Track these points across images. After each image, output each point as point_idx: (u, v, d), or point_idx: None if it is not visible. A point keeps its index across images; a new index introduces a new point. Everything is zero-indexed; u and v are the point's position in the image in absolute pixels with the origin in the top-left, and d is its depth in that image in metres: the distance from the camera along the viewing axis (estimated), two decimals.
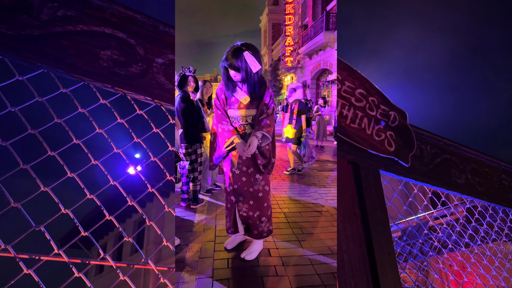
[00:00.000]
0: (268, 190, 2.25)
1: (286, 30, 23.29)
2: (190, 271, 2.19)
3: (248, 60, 1.95)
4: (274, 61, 29.44)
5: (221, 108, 2.17)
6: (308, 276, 2.09)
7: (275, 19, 32.55)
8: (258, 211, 2.23)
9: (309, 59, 20.52)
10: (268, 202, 2.27)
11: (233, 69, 1.99)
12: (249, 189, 2.21)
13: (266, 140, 2.12)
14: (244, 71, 1.98)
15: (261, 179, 2.21)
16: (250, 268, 2.19)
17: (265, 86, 2.11)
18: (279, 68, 27.26)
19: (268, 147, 2.17)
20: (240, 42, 2.01)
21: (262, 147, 2.14)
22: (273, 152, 2.23)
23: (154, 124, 1.45)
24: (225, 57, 2.01)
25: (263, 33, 37.41)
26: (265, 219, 2.27)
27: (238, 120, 2.15)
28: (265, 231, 2.31)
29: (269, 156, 2.19)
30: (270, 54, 33.81)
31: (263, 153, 2.16)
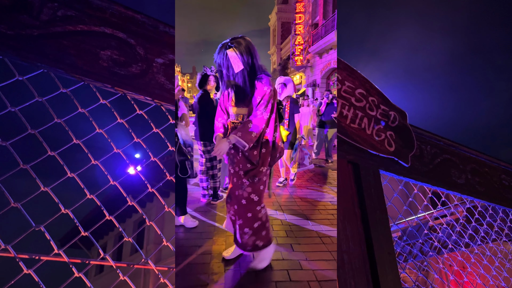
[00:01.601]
0: (256, 201, 2.00)
1: (296, 28, 23.17)
2: (218, 263, 2.20)
3: (231, 59, 1.84)
4: (283, 60, 29.20)
5: (222, 104, 2.07)
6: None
7: (284, 17, 32.39)
8: (241, 219, 2.03)
9: (319, 58, 20.45)
10: (254, 213, 2.01)
11: (218, 66, 1.92)
12: (235, 192, 2.04)
13: (243, 146, 1.87)
14: (226, 69, 1.88)
15: (247, 184, 1.98)
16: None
17: (259, 86, 1.90)
18: (288, 67, 27.08)
19: (257, 153, 1.93)
20: (233, 37, 1.89)
21: (246, 151, 1.93)
22: (264, 161, 1.97)
23: (154, 124, 1.45)
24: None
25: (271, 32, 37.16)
26: (249, 231, 2.03)
27: (232, 118, 2.03)
28: (249, 244, 2.05)
29: (256, 164, 1.95)
30: (279, 53, 33.60)
31: (249, 158, 1.95)
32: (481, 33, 29.47)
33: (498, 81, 29.79)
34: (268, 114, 1.90)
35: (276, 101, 1.96)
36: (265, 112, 1.88)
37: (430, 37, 32.52)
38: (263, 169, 1.98)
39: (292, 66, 24.58)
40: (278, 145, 2.04)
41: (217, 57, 1.88)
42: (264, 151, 1.97)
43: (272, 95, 1.90)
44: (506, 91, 28.84)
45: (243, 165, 1.98)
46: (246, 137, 1.85)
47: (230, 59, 1.83)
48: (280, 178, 4.97)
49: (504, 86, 28.96)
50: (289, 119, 4.72)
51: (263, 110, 1.88)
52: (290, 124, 4.76)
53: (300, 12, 23.20)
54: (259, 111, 1.88)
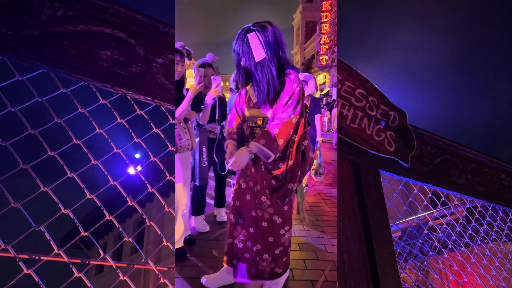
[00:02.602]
0: (279, 223, 1.63)
1: (321, 27, 22.99)
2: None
3: (252, 45, 1.49)
4: (307, 60, 28.78)
5: (238, 106, 1.74)
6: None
7: (309, 16, 32.09)
8: (259, 244, 1.66)
9: None
10: (276, 237, 1.64)
11: (236, 55, 1.58)
12: (251, 212, 1.68)
13: (267, 156, 1.52)
14: (246, 57, 1.53)
15: (268, 204, 1.61)
16: None
17: (287, 82, 1.54)
18: (312, 67, 26.85)
19: (283, 166, 1.57)
20: (256, 22, 1.56)
21: (269, 164, 1.58)
22: (293, 176, 1.59)
23: (154, 124, 1.45)
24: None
25: (295, 31, 36.74)
26: (268, 257, 1.66)
27: (250, 121, 1.66)
28: (266, 272, 1.68)
29: (283, 180, 1.59)
30: (303, 52, 33.28)
31: (273, 173, 1.59)
32: (481, 33, 29.49)
33: (498, 81, 29.81)
34: (298, 117, 1.54)
35: (304, 102, 1.60)
36: (293, 115, 1.52)
37: (430, 37, 32.52)
38: (292, 186, 1.61)
39: (316, 65, 24.34)
40: (308, 156, 1.66)
41: (236, 44, 1.55)
42: (292, 164, 1.59)
43: (302, 94, 1.55)
44: (506, 91, 28.85)
45: (267, 181, 1.61)
46: (271, 145, 1.49)
47: (251, 44, 1.49)
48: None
49: (504, 86, 28.98)
50: (309, 120, 4.13)
51: (292, 112, 1.51)
52: (311, 126, 4.16)
53: (326, 10, 22.98)
54: (286, 113, 1.51)
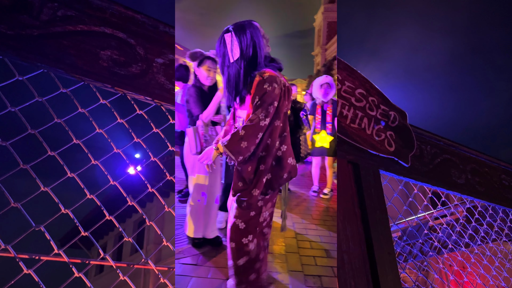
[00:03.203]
0: (241, 229, 1.52)
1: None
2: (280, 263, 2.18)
3: (228, 46, 1.48)
4: (328, 61, 28.57)
5: (232, 106, 1.68)
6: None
7: (331, 17, 31.58)
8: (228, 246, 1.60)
9: None
10: (238, 244, 1.54)
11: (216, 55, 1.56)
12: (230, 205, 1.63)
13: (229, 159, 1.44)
14: (221, 58, 1.52)
15: (234, 207, 1.53)
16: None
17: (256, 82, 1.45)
18: (333, 68, 26.84)
19: (251, 169, 1.47)
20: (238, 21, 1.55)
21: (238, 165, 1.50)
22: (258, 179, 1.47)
23: (154, 124, 1.45)
24: None
25: (316, 32, 36.22)
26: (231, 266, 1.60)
27: (238, 123, 1.61)
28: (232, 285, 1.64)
29: (249, 183, 1.49)
30: (324, 53, 32.90)
31: (241, 175, 1.50)
32: (481, 33, 29.48)
33: (498, 81, 29.80)
34: (269, 120, 1.44)
35: (284, 104, 1.52)
36: (263, 117, 1.42)
37: (430, 37, 32.51)
38: (256, 192, 1.47)
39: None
40: (286, 163, 1.54)
41: (216, 45, 1.55)
42: (262, 168, 1.48)
43: (276, 95, 1.45)
44: (506, 91, 28.85)
45: (235, 182, 1.54)
46: (233, 147, 1.40)
47: (227, 45, 1.48)
48: (314, 186, 4.23)
49: (504, 86, 28.98)
50: (332, 123, 3.98)
51: (261, 113, 1.42)
52: (334, 129, 3.96)
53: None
54: (254, 116, 1.42)
